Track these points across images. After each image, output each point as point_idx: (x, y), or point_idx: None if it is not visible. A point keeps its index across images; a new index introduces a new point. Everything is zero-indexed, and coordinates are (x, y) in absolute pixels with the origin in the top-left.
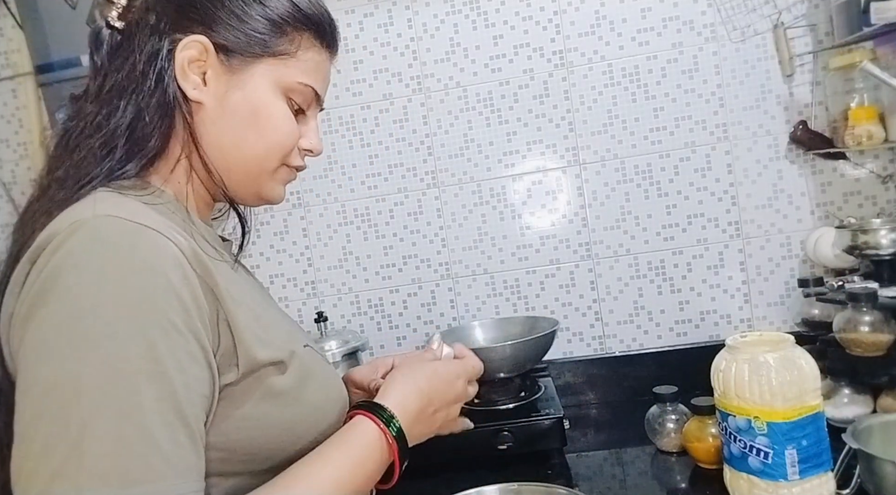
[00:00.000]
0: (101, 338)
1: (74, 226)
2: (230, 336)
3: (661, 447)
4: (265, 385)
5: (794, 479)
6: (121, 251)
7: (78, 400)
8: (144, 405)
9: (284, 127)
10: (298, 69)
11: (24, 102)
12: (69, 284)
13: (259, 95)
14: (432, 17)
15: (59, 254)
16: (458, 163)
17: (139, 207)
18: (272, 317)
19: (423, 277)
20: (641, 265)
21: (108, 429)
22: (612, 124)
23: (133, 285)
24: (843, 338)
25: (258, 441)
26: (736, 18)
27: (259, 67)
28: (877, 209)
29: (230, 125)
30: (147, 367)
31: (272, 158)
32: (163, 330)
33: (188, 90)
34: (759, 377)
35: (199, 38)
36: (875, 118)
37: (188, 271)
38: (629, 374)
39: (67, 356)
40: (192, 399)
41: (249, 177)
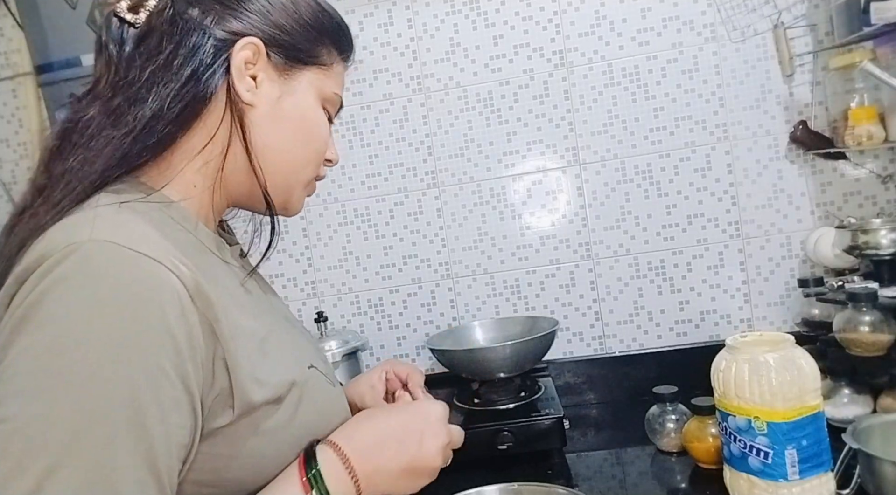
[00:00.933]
0: (80, 378)
1: (69, 250)
2: (227, 377)
3: (661, 447)
4: (259, 422)
5: (794, 479)
6: (114, 283)
7: (45, 446)
8: (118, 460)
9: (322, 136)
10: (333, 80)
11: (24, 102)
12: (54, 314)
13: (308, 103)
14: (432, 17)
15: (48, 280)
16: (458, 163)
17: (141, 228)
18: (276, 342)
19: (423, 277)
20: (641, 265)
21: (72, 484)
22: (612, 124)
23: (124, 323)
24: (843, 338)
25: (253, 474)
26: (736, 18)
27: (306, 75)
28: (877, 209)
29: (280, 130)
30: (126, 416)
31: (311, 167)
32: (149, 375)
33: (242, 92)
34: (759, 377)
35: (254, 41)
36: (875, 118)
37: (187, 307)
38: (629, 374)
39: (41, 394)
40: (169, 450)
41: (287, 184)
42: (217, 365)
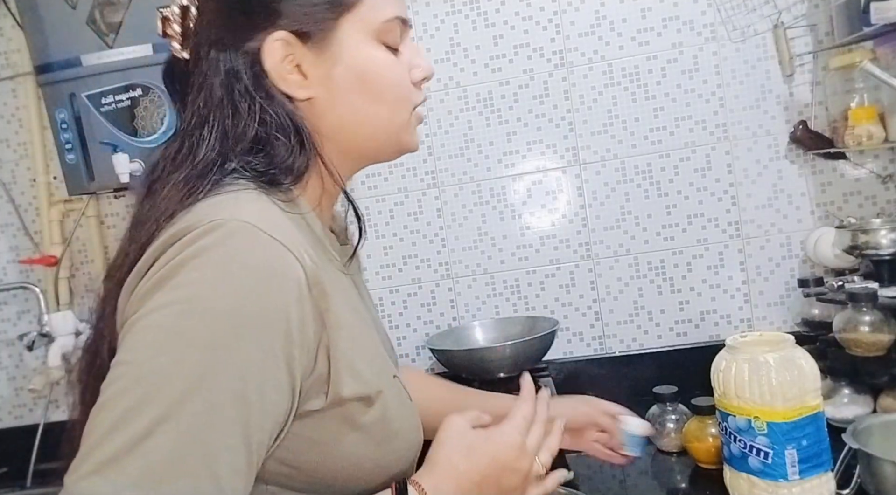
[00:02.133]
0: (201, 343)
1: (213, 225)
2: (327, 365)
3: (661, 447)
4: (350, 417)
5: (794, 479)
6: (249, 262)
7: (156, 399)
8: (217, 424)
9: (395, 76)
10: (374, 8)
11: (24, 102)
12: (190, 280)
13: (357, 58)
14: (432, 17)
15: (191, 249)
16: (458, 163)
17: (278, 218)
18: (367, 342)
19: (423, 277)
20: (641, 265)
21: (173, 437)
22: (612, 124)
23: (249, 300)
24: (843, 338)
25: (326, 469)
26: (736, 18)
27: (341, 31)
28: (877, 209)
29: (348, 103)
30: (233, 386)
31: (401, 112)
32: (262, 352)
33: (294, 91)
34: (759, 377)
35: (277, 36)
36: (875, 118)
37: (304, 295)
38: (629, 374)
39: (165, 349)
40: (263, 426)
41: (389, 138)
42: (321, 352)
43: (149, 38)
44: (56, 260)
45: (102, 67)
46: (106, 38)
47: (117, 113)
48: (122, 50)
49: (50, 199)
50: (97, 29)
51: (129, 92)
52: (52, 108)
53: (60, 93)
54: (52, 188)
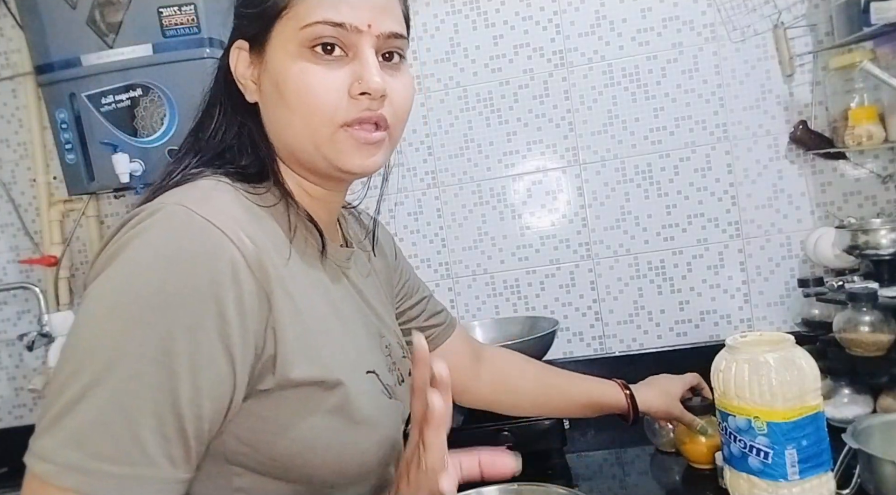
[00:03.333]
0: (128, 317)
1: (154, 208)
2: (274, 345)
3: (659, 447)
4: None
5: (794, 479)
6: (179, 243)
7: (88, 367)
8: (139, 391)
9: (307, 86)
10: (299, 14)
11: (24, 102)
12: (127, 258)
13: (277, 66)
14: (432, 17)
15: (132, 230)
16: (458, 163)
17: (223, 203)
18: (337, 337)
19: (423, 277)
20: (641, 265)
21: (99, 401)
22: (612, 124)
23: (176, 279)
24: (843, 338)
25: (284, 451)
26: (736, 18)
27: (272, 39)
28: (877, 209)
29: (272, 112)
30: (157, 358)
31: (314, 126)
32: (187, 328)
33: (247, 95)
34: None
35: (238, 44)
36: (875, 118)
37: (243, 276)
38: (629, 374)
39: (99, 321)
40: (196, 400)
41: (311, 153)
42: (268, 332)
43: (149, 38)
44: (56, 260)
45: (102, 67)
46: (106, 38)
47: (117, 113)
48: (122, 50)
49: (50, 199)
50: (97, 29)
51: (129, 92)
52: (52, 108)
53: (60, 93)
54: (52, 188)
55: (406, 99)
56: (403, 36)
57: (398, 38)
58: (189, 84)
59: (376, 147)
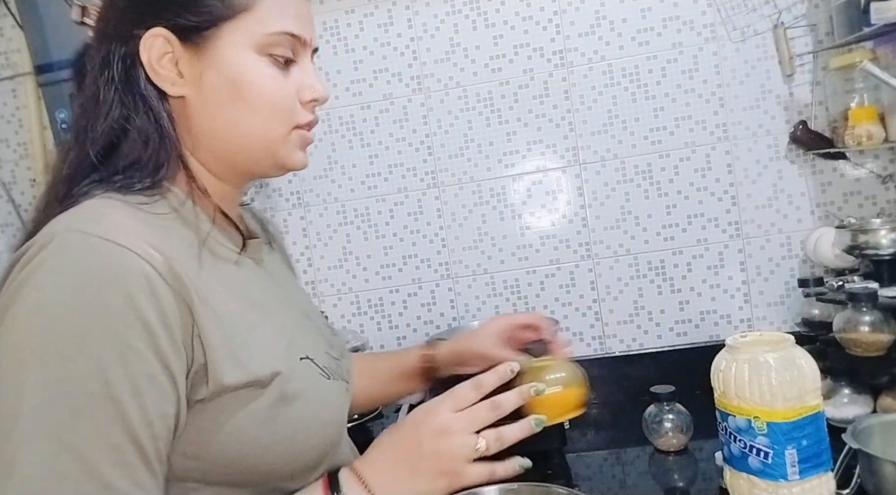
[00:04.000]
0: (50, 357)
1: (46, 239)
2: (203, 354)
3: (658, 446)
4: (242, 404)
5: (794, 479)
6: (82, 269)
7: (16, 419)
8: (84, 427)
9: (272, 90)
10: (262, 20)
11: (24, 102)
12: (29, 299)
13: (232, 66)
14: (432, 17)
15: (28, 267)
16: (458, 163)
17: (118, 219)
18: (265, 332)
19: (423, 277)
20: (641, 265)
21: (41, 452)
22: (612, 124)
23: (90, 305)
24: (843, 338)
25: (233, 455)
26: (736, 18)
27: (222, 36)
28: (877, 209)
29: (217, 108)
30: (94, 389)
31: (275, 127)
32: (116, 352)
33: (167, 87)
34: (759, 377)
35: (156, 32)
36: (875, 118)
37: (158, 287)
38: (629, 374)
39: (13, 371)
40: (148, 420)
41: (260, 152)
42: (195, 341)
43: None
44: None
45: None
46: None
47: None
48: None
49: None
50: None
51: None
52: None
53: (60, 93)
54: None
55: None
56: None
57: (316, 51)
58: None
59: (307, 146)
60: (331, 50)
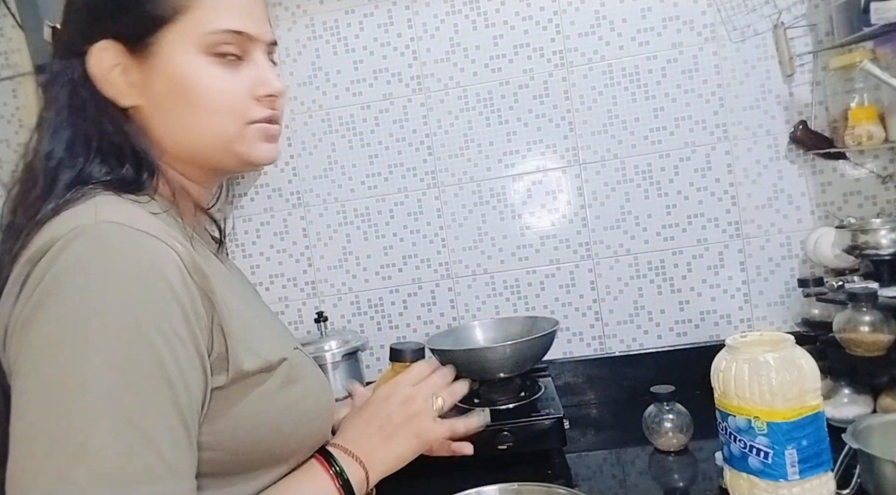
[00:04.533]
0: (105, 342)
1: (77, 232)
2: (223, 343)
3: (658, 446)
4: (252, 388)
5: (794, 479)
6: (125, 257)
7: (83, 402)
8: (148, 409)
9: (218, 89)
10: (201, 20)
11: (24, 102)
12: (74, 287)
13: (177, 69)
14: (432, 17)
15: (62, 259)
16: (458, 163)
17: (139, 213)
18: (263, 321)
19: (423, 277)
20: (641, 265)
21: (112, 432)
22: (612, 124)
23: (136, 291)
24: (843, 338)
25: (244, 440)
26: (736, 18)
27: (163, 42)
28: (877, 209)
29: (169, 113)
30: (151, 371)
31: (225, 126)
32: (165, 335)
33: (119, 99)
34: (759, 377)
35: (102, 45)
36: (875, 118)
37: (187, 278)
38: (629, 374)
39: (72, 358)
40: (191, 404)
41: (220, 151)
42: (215, 330)
43: None
44: None
45: None
46: None
47: None
48: None
49: None
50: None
51: None
52: None
53: None
54: None
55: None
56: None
57: (274, 44)
58: None
59: (275, 138)
60: (331, 50)
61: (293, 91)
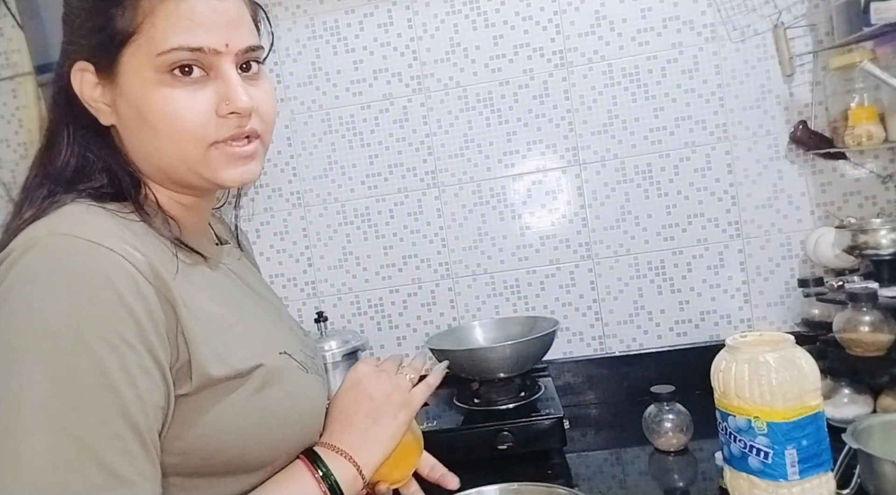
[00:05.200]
0: (47, 352)
1: (28, 244)
2: (186, 350)
3: (658, 446)
4: (223, 395)
5: (794, 479)
6: (70, 269)
7: (19, 412)
8: (87, 418)
9: (173, 111)
10: (154, 39)
11: (24, 102)
12: (19, 300)
13: (136, 92)
14: (432, 17)
15: (12, 273)
16: (458, 163)
17: (100, 222)
18: (245, 329)
19: (423, 277)
20: (641, 265)
21: (46, 443)
22: (612, 124)
23: (81, 301)
24: (843, 338)
25: (215, 444)
26: (736, 18)
27: (123, 63)
28: (877, 209)
29: (135, 135)
30: (93, 380)
31: (185, 148)
32: (110, 344)
33: (100, 118)
34: (759, 377)
35: (81, 65)
36: (875, 118)
37: (143, 286)
38: (629, 374)
39: (11, 368)
40: (145, 411)
41: (186, 173)
42: (179, 338)
43: None
44: None
45: None
46: None
47: None
48: None
49: None
50: None
51: None
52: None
53: None
54: None
55: (271, 105)
56: (260, 46)
57: (255, 49)
58: None
59: (250, 158)
60: (331, 50)
61: (293, 91)
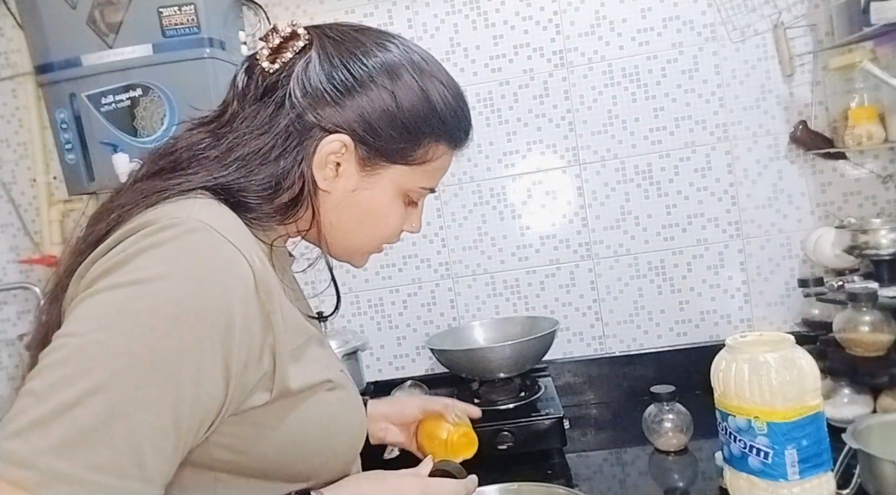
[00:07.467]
0: (142, 325)
1: (171, 222)
2: (272, 364)
3: (658, 446)
4: (292, 406)
5: (794, 479)
6: (198, 257)
7: (91, 371)
8: (146, 402)
9: (394, 225)
10: (425, 175)
11: (24, 102)
12: (143, 266)
13: (383, 198)
14: (432, 17)
15: (147, 240)
16: (458, 163)
17: (233, 222)
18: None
19: (423, 277)
20: (641, 265)
21: (100, 411)
22: (612, 124)
23: (193, 292)
24: (843, 338)
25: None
26: (736, 18)
27: (389, 172)
28: (877, 209)
29: (347, 216)
30: (167, 369)
31: (372, 245)
32: (198, 342)
33: (319, 180)
34: (759, 377)
35: (343, 139)
36: (875, 118)
37: (251, 295)
38: (629, 374)
39: (108, 326)
40: (194, 412)
41: (349, 252)
42: (265, 351)
43: (149, 38)
44: (56, 260)
45: (102, 67)
46: (106, 38)
47: (117, 113)
48: (122, 50)
49: (50, 199)
50: (97, 29)
51: (129, 92)
52: (52, 108)
53: (60, 93)
54: (52, 188)
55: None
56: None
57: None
58: (189, 84)
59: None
60: None
61: None
